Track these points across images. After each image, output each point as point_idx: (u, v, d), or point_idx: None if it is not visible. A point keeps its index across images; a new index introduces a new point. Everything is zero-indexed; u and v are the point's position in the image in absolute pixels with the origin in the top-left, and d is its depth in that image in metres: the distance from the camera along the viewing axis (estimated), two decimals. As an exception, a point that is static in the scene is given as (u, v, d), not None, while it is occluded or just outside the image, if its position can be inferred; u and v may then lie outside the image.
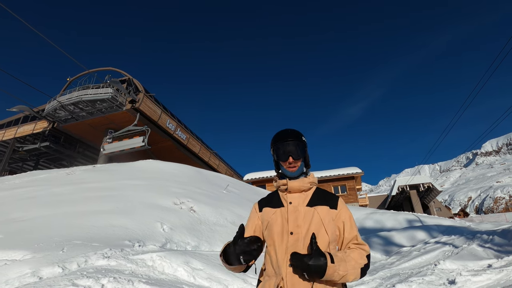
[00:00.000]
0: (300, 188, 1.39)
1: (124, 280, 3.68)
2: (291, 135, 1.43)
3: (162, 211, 7.72)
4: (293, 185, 1.39)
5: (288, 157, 1.39)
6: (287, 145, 1.40)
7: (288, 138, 1.42)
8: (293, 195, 1.39)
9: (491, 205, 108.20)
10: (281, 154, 1.41)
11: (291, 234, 1.30)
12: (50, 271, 3.78)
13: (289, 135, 1.43)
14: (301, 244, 1.27)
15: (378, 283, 5.03)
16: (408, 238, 9.64)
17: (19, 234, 5.33)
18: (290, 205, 1.37)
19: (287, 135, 1.43)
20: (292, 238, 1.29)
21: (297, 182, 1.39)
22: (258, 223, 1.46)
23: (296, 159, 1.40)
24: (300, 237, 1.28)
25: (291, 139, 1.41)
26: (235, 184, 14.97)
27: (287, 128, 1.49)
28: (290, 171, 1.40)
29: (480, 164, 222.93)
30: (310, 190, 1.42)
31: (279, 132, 1.48)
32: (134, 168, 13.72)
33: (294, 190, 1.39)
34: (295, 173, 1.41)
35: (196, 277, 4.35)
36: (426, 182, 36.81)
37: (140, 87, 23.12)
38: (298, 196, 1.38)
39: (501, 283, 4.21)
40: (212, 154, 32.19)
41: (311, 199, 1.38)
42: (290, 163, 1.39)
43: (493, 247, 6.62)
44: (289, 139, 1.41)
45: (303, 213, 1.33)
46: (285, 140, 1.42)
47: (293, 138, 1.42)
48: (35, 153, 26.53)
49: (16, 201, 8.17)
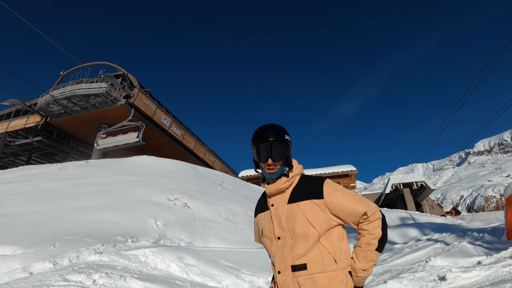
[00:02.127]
0: (278, 191, 1.33)
1: (116, 276, 3.66)
2: (272, 134, 1.30)
3: (156, 207, 7.68)
4: (270, 189, 1.34)
5: (267, 159, 1.29)
6: (268, 145, 1.29)
7: (269, 137, 1.30)
8: (274, 197, 1.35)
9: (482, 204, 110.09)
10: (261, 155, 1.31)
11: (279, 239, 1.29)
12: (41, 266, 3.73)
13: (270, 133, 1.31)
14: (288, 248, 1.25)
15: (370, 279, 5.08)
16: (400, 235, 9.77)
17: (9, 229, 5.25)
18: (272, 207, 1.34)
19: (268, 134, 1.31)
20: (279, 243, 1.28)
21: (273, 186, 1.33)
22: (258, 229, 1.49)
23: (276, 161, 1.30)
24: (287, 241, 1.27)
25: (272, 139, 1.29)
26: (230, 180, 14.96)
27: (269, 124, 1.35)
28: (269, 173, 1.32)
29: (472, 163, 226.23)
30: (291, 186, 1.34)
31: (260, 128, 1.35)
32: (128, 164, 13.61)
33: (273, 193, 1.35)
34: (274, 175, 1.32)
35: (189, 273, 4.34)
36: (419, 180, 37.27)
37: (135, 82, 22.88)
38: (279, 197, 1.34)
39: (489, 280, 4.28)
40: (207, 151, 32.10)
41: (291, 194, 1.31)
42: (269, 165, 1.30)
43: (483, 244, 6.73)
44: (270, 138, 1.29)
45: (285, 213, 1.29)
46: (266, 139, 1.30)
47: (275, 138, 1.30)
48: (27, 148, 26.15)
49: (7, 196, 8.05)
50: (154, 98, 24.61)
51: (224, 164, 36.95)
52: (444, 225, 10.73)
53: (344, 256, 1.25)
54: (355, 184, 35.07)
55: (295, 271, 1.22)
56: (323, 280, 1.18)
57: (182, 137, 27.21)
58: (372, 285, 4.65)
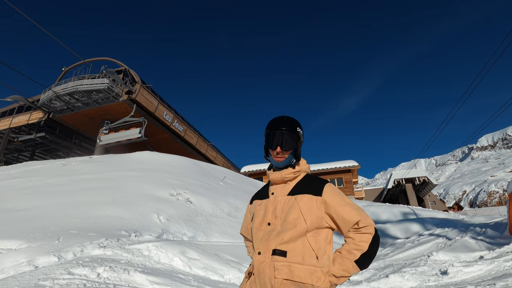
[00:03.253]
0: (283, 179, 1.36)
1: (120, 269, 3.70)
2: (285, 124, 1.36)
3: (159, 202, 7.73)
4: (274, 176, 1.37)
5: (277, 146, 1.34)
6: (279, 134, 1.34)
7: (282, 126, 1.36)
8: (276, 186, 1.38)
9: (485, 199, 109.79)
10: (271, 142, 1.36)
11: (269, 225, 1.30)
12: (46, 260, 3.78)
13: (284, 123, 1.37)
14: (274, 234, 1.26)
15: (372, 273, 5.11)
16: (402, 230, 9.78)
17: (14, 224, 5.31)
18: (271, 195, 1.36)
19: (282, 124, 1.37)
20: (268, 228, 1.29)
21: (278, 174, 1.36)
22: (250, 215, 1.49)
23: (285, 150, 1.34)
24: (276, 228, 1.27)
25: (285, 129, 1.35)
26: (232, 176, 15.00)
27: (284, 116, 1.41)
28: (276, 161, 1.36)
29: (475, 158, 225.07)
30: (295, 179, 1.37)
31: (275, 118, 1.42)
32: (130, 159, 13.67)
33: (276, 181, 1.37)
34: (281, 164, 1.35)
35: (192, 267, 4.38)
36: (421, 175, 37.17)
37: (136, 77, 22.86)
38: (281, 187, 1.37)
39: (492, 274, 4.29)
40: (209, 146, 32.14)
41: (293, 188, 1.34)
42: (278, 153, 1.34)
43: (486, 239, 6.73)
44: (282, 127, 1.35)
45: (282, 203, 1.31)
46: (278, 128, 1.36)
47: (287, 127, 1.35)
48: (30, 144, 26.32)
49: (12, 191, 8.13)
50: (156, 93, 24.60)
51: (226, 160, 37.02)
52: (446, 220, 10.71)
53: (326, 257, 1.23)
54: (357, 179, 35.04)
55: (274, 255, 1.22)
56: (299, 271, 1.18)
57: (184, 132, 27.24)
58: (374, 279, 4.67)
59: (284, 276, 1.17)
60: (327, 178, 31.22)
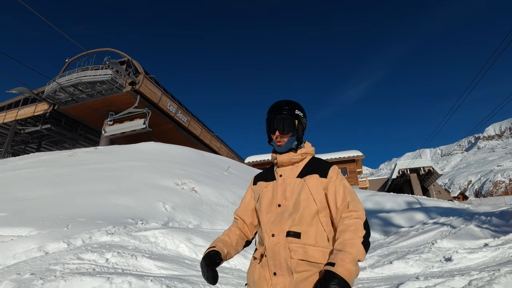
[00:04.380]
0: (290, 160, 1.36)
1: (127, 255, 3.78)
2: (283, 108, 1.37)
3: (164, 191, 7.82)
4: (282, 159, 1.37)
5: (275, 131, 1.35)
6: (277, 118, 1.35)
7: (280, 110, 1.36)
8: (284, 168, 1.38)
9: (491, 189, 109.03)
10: (270, 127, 1.38)
11: (279, 206, 1.30)
12: (56, 246, 3.87)
13: (281, 107, 1.37)
14: (286, 215, 1.26)
15: (376, 260, 5.15)
16: (406, 219, 9.79)
17: (24, 212, 5.43)
18: (280, 178, 1.36)
19: (280, 108, 1.37)
20: (279, 210, 1.29)
21: (285, 156, 1.37)
22: (251, 197, 1.48)
23: (283, 134, 1.35)
24: (287, 209, 1.28)
25: (283, 112, 1.35)
26: (236, 166, 15.06)
27: (283, 100, 1.42)
28: (277, 146, 1.37)
29: (482, 148, 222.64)
30: (303, 161, 1.38)
31: (275, 103, 1.43)
32: (135, 150, 13.78)
33: (284, 163, 1.38)
34: (282, 148, 1.37)
35: (198, 253, 4.45)
36: (426, 165, 36.95)
37: (139, 68, 22.80)
38: (289, 169, 1.37)
39: (496, 260, 4.29)
40: (213, 137, 32.20)
41: (302, 170, 1.35)
42: (277, 137, 1.36)
43: (491, 227, 6.71)
44: (281, 112, 1.36)
45: (292, 185, 1.32)
46: (277, 112, 1.37)
47: (285, 111, 1.36)
48: (37, 135, 26.61)
49: (20, 181, 8.28)
50: (159, 84, 24.55)
51: (230, 150, 37.11)
52: (451, 209, 10.70)
53: None
54: (361, 169, 34.98)
55: (288, 237, 1.22)
56: (314, 252, 1.19)
57: (188, 123, 27.27)
58: (377, 265, 4.71)
59: (299, 257, 1.19)
60: (331, 168, 31.19)
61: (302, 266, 1.17)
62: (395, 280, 3.88)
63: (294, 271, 1.17)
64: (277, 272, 1.20)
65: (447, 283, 3.12)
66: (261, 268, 1.26)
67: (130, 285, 2.90)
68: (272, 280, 1.20)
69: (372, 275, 4.34)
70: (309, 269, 1.16)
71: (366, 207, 13.24)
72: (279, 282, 1.18)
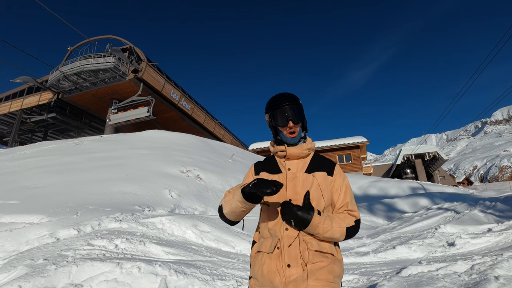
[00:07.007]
0: (299, 155, 1.37)
1: (136, 241, 3.88)
2: (288, 99, 1.38)
3: (170, 179, 7.92)
4: (292, 152, 1.37)
5: (288, 121, 1.35)
6: (286, 109, 1.36)
7: (286, 102, 1.37)
8: (291, 162, 1.38)
9: (496, 174, 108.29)
10: (281, 119, 1.37)
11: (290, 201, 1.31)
12: (67, 233, 3.99)
13: (286, 98, 1.38)
14: None
15: (379, 245, 5.22)
16: (410, 204, 9.84)
17: (34, 200, 5.57)
18: (289, 171, 1.36)
19: (285, 99, 1.38)
20: None
21: (296, 149, 1.37)
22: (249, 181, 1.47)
23: (296, 124, 1.36)
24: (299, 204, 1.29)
25: (290, 103, 1.37)
26: (240, 153, 15.13)
27: (282, 92, 1.44)
28: (290, 137, 1.37)
29: (488, 133, 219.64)
30: (308, 156, 1.40)
31: (275, 96, 1.43)
32: (140, 138, 13.88)
33: (293, 156, 1.38)
34: (295, 139, 1.38)
35: (204, 239, 4.56)
36: (432, 151, 36.72)
37: (142, 55, 22.61)
38: (296, 163, 1.37)
39: (499, 245, 4.33)
40: (217, 124, 32.20)
41: (309, 165, 1.37)
42: (291, 128, 1.36)
43: (495, 212, 6.72)
44: (287, 103, 1.37)
45: (302, 180, 1.33)
46: (283, 104, 1.37)
47: (291, 101, 1.37)
48: (42, 124, 26.88)
49: (29, 170, 8.44)
50: (162, 72, 24.39)
51: (234, 138, 37.18)
52: (456, 195, 10.70)
53: None
54: (366, 155, 34.90)
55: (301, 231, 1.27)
56: (325, 244, 1.27)
57: (192, 111, 27.25)
58: (381, 250, 4.78)
59: (315, 248, 1.25)
60: (335, 154, 31.19)
61: (317, 257, 1.24)
62: (398, 264, 3.95)
63: (309, 262, 1.23)
64: (292, 263, 1.24)
65: (450, 268, 3.17)
66: (271, 261, 1.27)
67: (139, 270, 3.00)
68: (286, 272, 1.23)
69: (375, 259, 4.42)
70: (323, 259, 1.24)
71: (370, 193, 13.30)
72: (293, 273, 1.22)
